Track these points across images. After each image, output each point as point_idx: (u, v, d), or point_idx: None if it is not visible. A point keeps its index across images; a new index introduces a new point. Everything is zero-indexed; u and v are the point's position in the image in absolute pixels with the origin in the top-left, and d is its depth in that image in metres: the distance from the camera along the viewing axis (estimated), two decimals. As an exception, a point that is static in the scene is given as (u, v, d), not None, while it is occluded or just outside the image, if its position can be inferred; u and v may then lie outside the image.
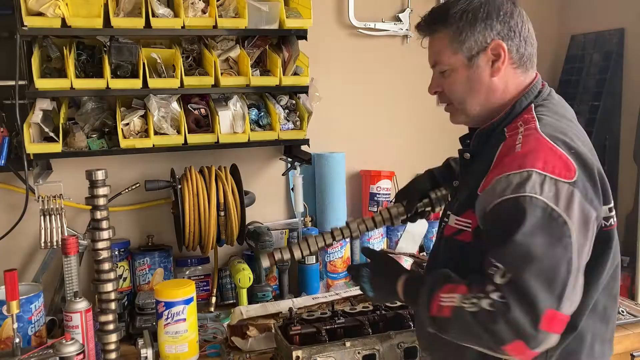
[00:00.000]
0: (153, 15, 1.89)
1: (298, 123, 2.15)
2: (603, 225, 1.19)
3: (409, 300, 1.28)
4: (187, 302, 1.71)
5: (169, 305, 1.70)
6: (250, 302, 2.10)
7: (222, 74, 2.03)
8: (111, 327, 1.59)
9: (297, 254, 1.46)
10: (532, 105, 1.24)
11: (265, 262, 1.45)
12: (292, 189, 2.33)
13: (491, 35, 1.23)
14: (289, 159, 2.31)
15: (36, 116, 1.83)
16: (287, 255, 1.46)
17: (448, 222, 1.29)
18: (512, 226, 1.06)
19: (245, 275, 2.08)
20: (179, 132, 1.97)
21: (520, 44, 1.25)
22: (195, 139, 1.98)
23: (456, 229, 1.25)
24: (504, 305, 1.02)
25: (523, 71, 1.27)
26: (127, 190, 2.10)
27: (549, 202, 1.05)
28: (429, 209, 1.51)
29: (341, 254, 2.36)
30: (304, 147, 2.21)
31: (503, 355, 1.07)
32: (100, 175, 1.53)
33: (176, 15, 1.94)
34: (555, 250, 1.05)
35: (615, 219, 1.23)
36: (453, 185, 1.43)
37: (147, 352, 1.69)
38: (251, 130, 2.06)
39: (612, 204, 1.22)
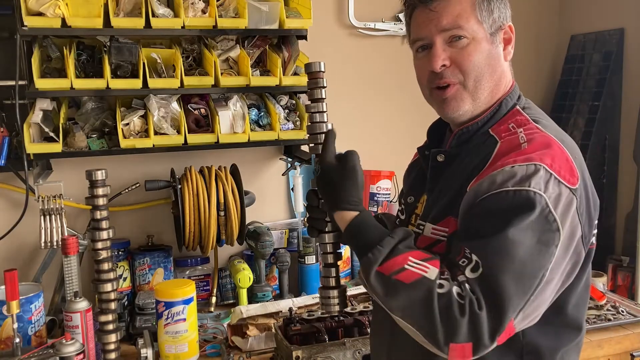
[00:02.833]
0: (153, 15, 1.89)
1: (298, 123, 2.14)
2: (591, 243, 1.08)
3: (353, 237, 1.06)
4: (187, 302, 1.71)
5: (169, 305, 1.70)
6: (250, 302, 2.10)
7: (222, 74, 2.03)
8: (111, 327, 1.59)
9: None
10: (517, 107, 1.13)
11: None
12: (292, 189, 2.33)
13: (508, 15, 1.14)
14: (289, 159, 2.31)
15: (36, 116, 1.83)
16: None
17: (423, 233, 1.13)
18: (505, 219, 0.95)
19: (245, 275, 2.08)
20: (179, 132, 1.97)
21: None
22: (195, 139, 1.98)
23: (433, 240, 1.10)
24: (477, 301, 0.92)
25: (511, 69, 1.17)
26: (127, 190, 2.10)
27: (550, 203, 0.96)
28: None
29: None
30: (304, 147, 2.21)
31: (439, 353, 0.95)
32: (100, 175, 1.53)
33: (176, 15, 1.94)
34: (539, 256, 0.95)
35: (595, 240, 1.11)
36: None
37: (147, 352, 1.69)
38: (251, 130, 2.06)
39: (596, 222, 1.10)
